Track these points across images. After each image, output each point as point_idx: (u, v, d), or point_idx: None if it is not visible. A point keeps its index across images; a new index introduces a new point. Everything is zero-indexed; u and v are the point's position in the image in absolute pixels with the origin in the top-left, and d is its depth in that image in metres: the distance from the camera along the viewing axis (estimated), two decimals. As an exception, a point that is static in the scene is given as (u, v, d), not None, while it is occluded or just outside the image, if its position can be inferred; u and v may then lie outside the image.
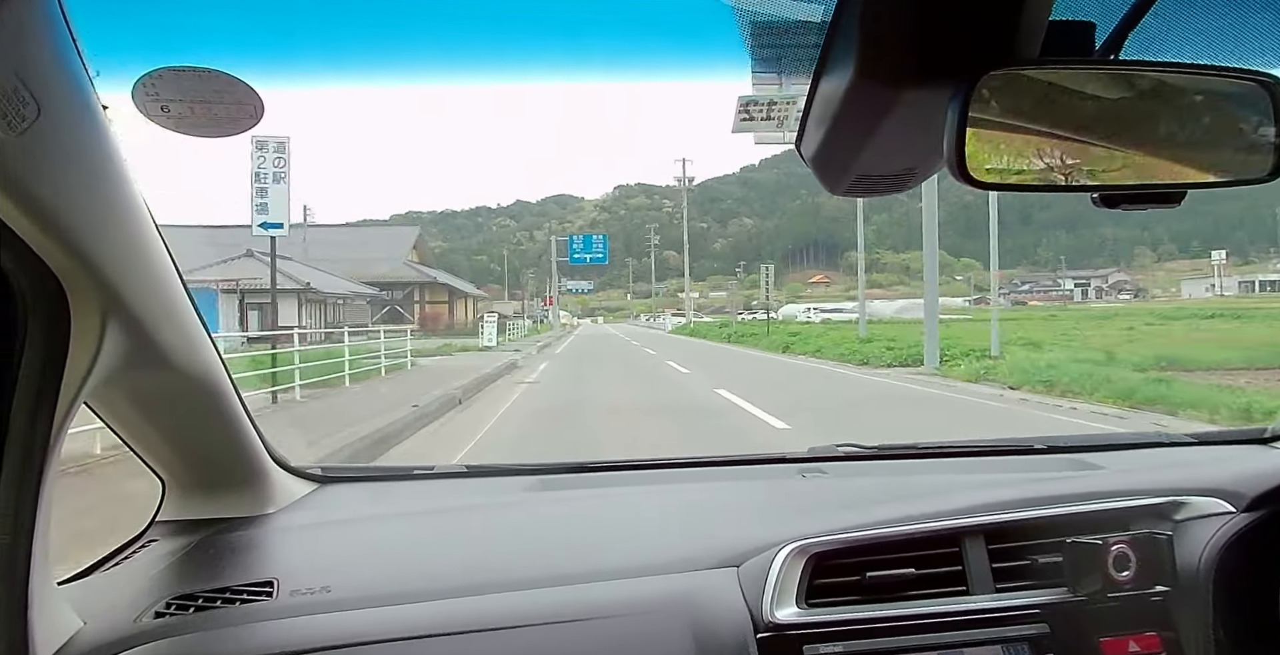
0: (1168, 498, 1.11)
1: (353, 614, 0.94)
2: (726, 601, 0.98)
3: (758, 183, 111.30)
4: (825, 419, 8.18)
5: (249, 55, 1.03)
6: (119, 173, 0.76)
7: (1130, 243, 73.00)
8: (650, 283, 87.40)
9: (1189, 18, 0.59)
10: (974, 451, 1.66)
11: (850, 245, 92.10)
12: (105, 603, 0.96)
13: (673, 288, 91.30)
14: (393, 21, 1.53)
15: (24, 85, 0.61)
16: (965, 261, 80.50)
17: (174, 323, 0.92)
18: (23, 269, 0.72)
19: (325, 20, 1.34)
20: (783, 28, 0.62)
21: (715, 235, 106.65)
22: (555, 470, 1.52)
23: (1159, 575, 1.02)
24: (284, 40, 1.21)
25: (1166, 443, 1.65)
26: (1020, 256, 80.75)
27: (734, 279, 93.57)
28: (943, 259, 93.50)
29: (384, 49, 1.51)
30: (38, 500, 0.76)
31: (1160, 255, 70.69)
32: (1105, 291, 63.83)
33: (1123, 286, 65.59)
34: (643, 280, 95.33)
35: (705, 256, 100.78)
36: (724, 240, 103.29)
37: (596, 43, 1.63)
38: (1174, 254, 69.25)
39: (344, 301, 25.36)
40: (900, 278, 77.94)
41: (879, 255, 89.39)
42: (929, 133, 0.55)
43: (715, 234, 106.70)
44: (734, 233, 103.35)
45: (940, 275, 65.72)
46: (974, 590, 1.03)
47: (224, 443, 1.15)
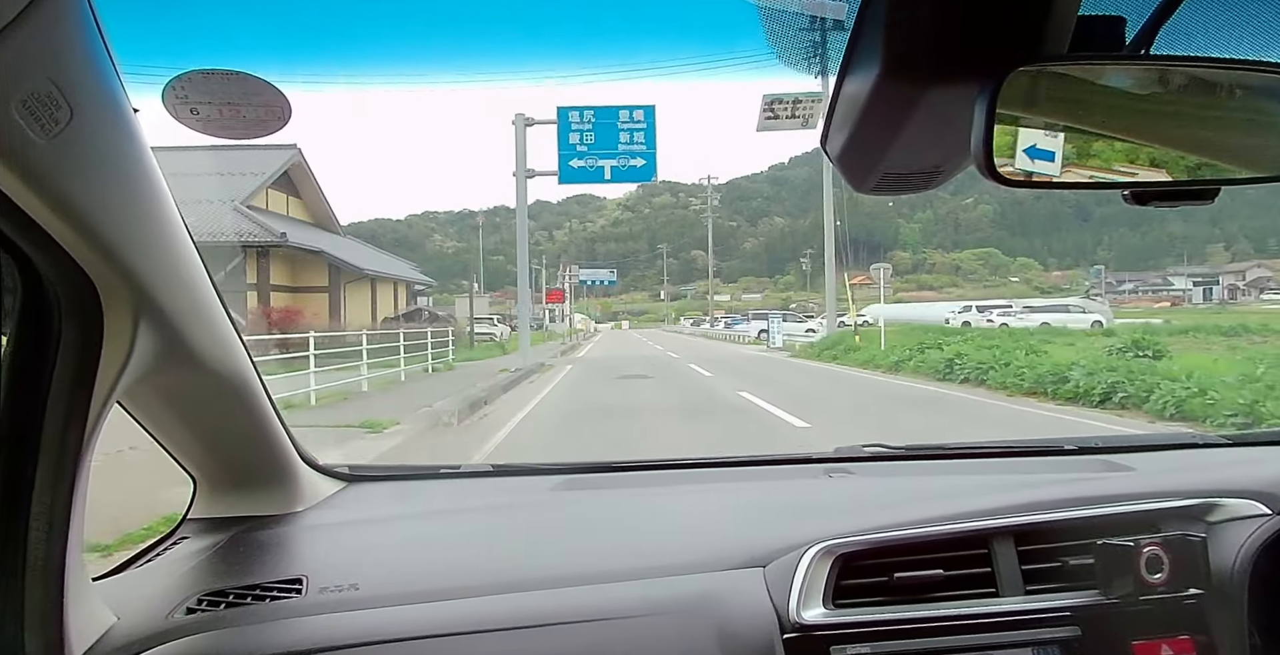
0: (1201, 500, 1.14)
1: (380, 611, 1.00)
2: (753, 602, 1.02)
3: (788, 181, 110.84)
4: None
5: (272, 57, 1.10)
6: (150, 175, 0.82)
7: (1200, 241, 71.22)
8: (678, 285, 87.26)
9: (1222, 10, 0.61)
10: (1003, 452, 1.69)
11: (894, 243, 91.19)
12: (138, 599, 1.02)
13: (701, 289, 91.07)
14: (415, 26, 1.60)
15: (57, 89, 0.66)
16: (1022, 261, 79.19)
17: (204, 322, 0.98)
18: (56, 270, 0.78)
19: (347, 25, 1.41)
20: (807, 26, 0.66)
21: (745, 234, 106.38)
22: (581, 469, 1.58)
23: (1193, 578, 1.04)
24: (307, 43, 1.28)
25: (1200, 444, 1.68)
26: (1079, 256, 79.20)
27: (767, 280, 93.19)
28: (997, 259, 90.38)
29: (405, 52, 1.58)
30: (72, 498, 0.82)
31: (1235, 255, 68.83)
32: (1240, 291, 55.97)
33: (1264, 285, 53.39)
34: (669, 281, 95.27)
35: (736, 256, 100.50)
36: (755, 239, 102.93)
37: (620, 43, 1.69)
38: (1249, 253, 67.38)
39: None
40: (952, 278, 76.69)
41: (925, 255, 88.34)
42: (956, 130, 0.58)
43: (745, 233, 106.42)
44: (765, 232, 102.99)
45: (994, 276, 61.94)
46: (1003, 592, 1.06)
47: (253, 441, 1.22)
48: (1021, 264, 79.07)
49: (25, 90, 0.63)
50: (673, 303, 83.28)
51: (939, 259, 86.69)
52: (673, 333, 51.31)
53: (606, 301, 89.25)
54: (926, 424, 8.19)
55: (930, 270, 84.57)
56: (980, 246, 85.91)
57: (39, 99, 0.65)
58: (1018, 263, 79.95)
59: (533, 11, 5.86)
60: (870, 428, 7.89)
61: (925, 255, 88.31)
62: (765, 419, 8.38)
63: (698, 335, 43.20)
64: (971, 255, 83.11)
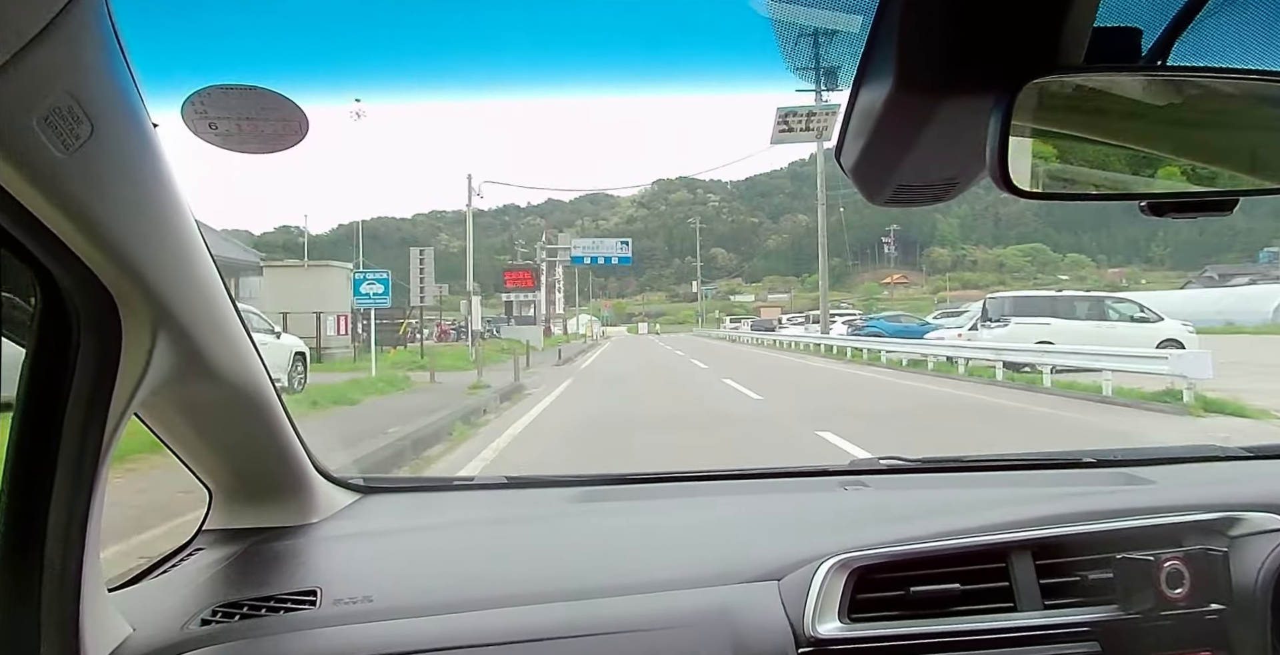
0: (1222, 513, 1.17)
1: (394, 623, 1.05)
2: (767, 615, 1.06)
3: (809, 177, 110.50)
4: None
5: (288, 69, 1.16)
6: (169, 189, 0.87)
7: (1265, 235, 69.93)
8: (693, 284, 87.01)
9: (1239, 22, 0.64)
10: (1020, 465, 1.73)
11: (931, 239, 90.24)
12: (154, 610, 1.08)
13: (723, 289, 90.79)
14: (429, 39, 1.66)
15: (78, 104, 0.72)
16: (1072, 257, 78.23)
17: (221, 335, 1.04)
18: (76, 283, 0.84)
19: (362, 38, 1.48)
20: (821, 38, 0.70)
21: (768, 231, 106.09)
22: (595, 482, 1.64)
23: (1214, 593, 1.08)
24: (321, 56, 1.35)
25: (1221, 457, 1.71)
26: (1132, 253, 78.15)
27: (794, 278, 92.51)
28: (1045, 256, 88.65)
29: (420, 66, 1.64)
30: (89, 509, 0.88)
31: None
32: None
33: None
34: (685, 281, 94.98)
35: (758, 255, 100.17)
36: (778, 237, 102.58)
37: (634, 56, 1.74)
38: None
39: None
40: (998, 277, 75.85)
41: (965, 252, 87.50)
42: (971, 142, 0.62)
43: (768, 230, 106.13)
44: (788, 229, 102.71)
45: (1043, 274, 59.25)
46: (1022, 607, 1.10)
47: (269, 453, 1.29)
48: (1072, 261, 78.18)
49: (46, 105, 0.68)
50: (692, 304, 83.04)
51: (981, 255, 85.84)
52: (723, 342, 36.02)
53: (620, 302, 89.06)
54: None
55: (971, 268, 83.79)
56: (1025, 242, 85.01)
57: (60, 114, 0.69)
58: (1067, 259, 79.06)
59: (548, 28, 6.08)
60: None
61: (965, 252, 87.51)
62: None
63: (752, 344, 28.95)
64: (1017, 251, 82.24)
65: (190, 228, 0.93)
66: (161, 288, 0.88)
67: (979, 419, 9.24)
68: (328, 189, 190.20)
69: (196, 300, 0.96)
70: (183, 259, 0.93)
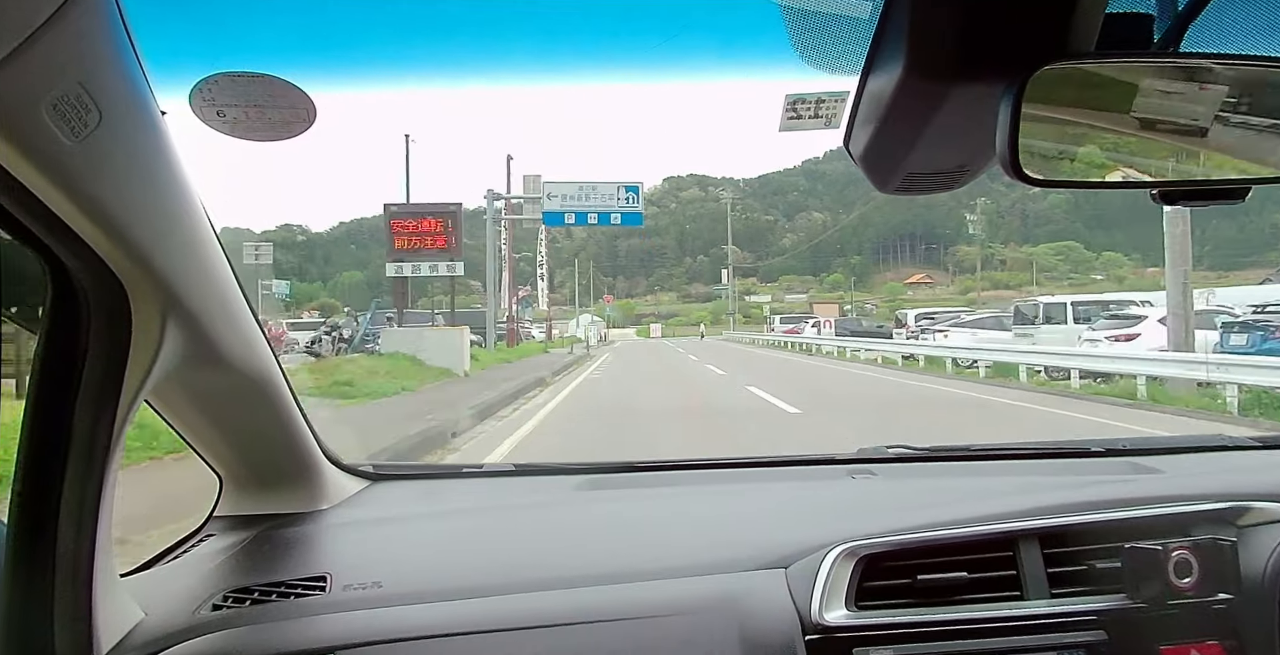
0: (1231, 503, 1.20)
1: (403, 609, 1.09)
2: (775, 603, 1.10)
3: (823, 174, 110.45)
4: None
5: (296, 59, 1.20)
6: (177, 176, 0.91)
7: (1310, 231, 69.12)
8: (710, 284, 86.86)
9: (1252, 7, 0.66)
10: (1028, 454, 1.77)
11: (957, 237, 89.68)
12: (165, 595, 1.13)
13: (739, 289, 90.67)
14: (430, 28, 1.71)
15: (86, 92, 0.74)
16: (1107, 256, 77.55)
17: (230, 321, 1.08)
18: (85, 270, 0.87)
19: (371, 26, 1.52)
20: (830, 23, 0.73)
21: (783, 230, 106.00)
22: (604, 469, 1.68)
23: (1222, 582, 1.10)
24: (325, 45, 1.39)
25: (1229, 446, 1.75)
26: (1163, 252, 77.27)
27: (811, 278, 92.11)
28: (1079, 255, 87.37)
29: (423, 54, 1.69)
30: (100, 495, 0.92)
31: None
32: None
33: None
34: (698, 280, 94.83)
35: (774, 253, 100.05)
36: (793, 235, 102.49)
37: (639, 43, 1.78)
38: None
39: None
40: (1029, 276, 75.38)
41: (993, 250, 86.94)
42: (981, 129, 0.64)
43: (783, 228, 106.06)
44: (803, 227, 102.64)
45: (1076, 274, 57.52)
46: (1029, 595, 1.13)
47: (279, 440, 1.34)
48: (1107, 260, 77.55)
49: (55, 93, 0.71)
50: (704, 304, 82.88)
51: (1010, 255, 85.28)
52: (783, 352, 26.77)
53: (628, 302, 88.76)
54: None
55: (1000, 267, 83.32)
56: (1056, 240, 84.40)
57: (68, 102, 0.72)
58: (1102, 258, 78.41)
59: (554, 20, 6.10)
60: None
61: (993, 250, 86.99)
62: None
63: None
64: (1049, 250, 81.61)
65: (199, 215, 0.96)
66: (171, 275, 0.92)
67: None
68: (327, 189, 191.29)
69: (206, 287, 1.00)
70: (192, 246, 0.96)
